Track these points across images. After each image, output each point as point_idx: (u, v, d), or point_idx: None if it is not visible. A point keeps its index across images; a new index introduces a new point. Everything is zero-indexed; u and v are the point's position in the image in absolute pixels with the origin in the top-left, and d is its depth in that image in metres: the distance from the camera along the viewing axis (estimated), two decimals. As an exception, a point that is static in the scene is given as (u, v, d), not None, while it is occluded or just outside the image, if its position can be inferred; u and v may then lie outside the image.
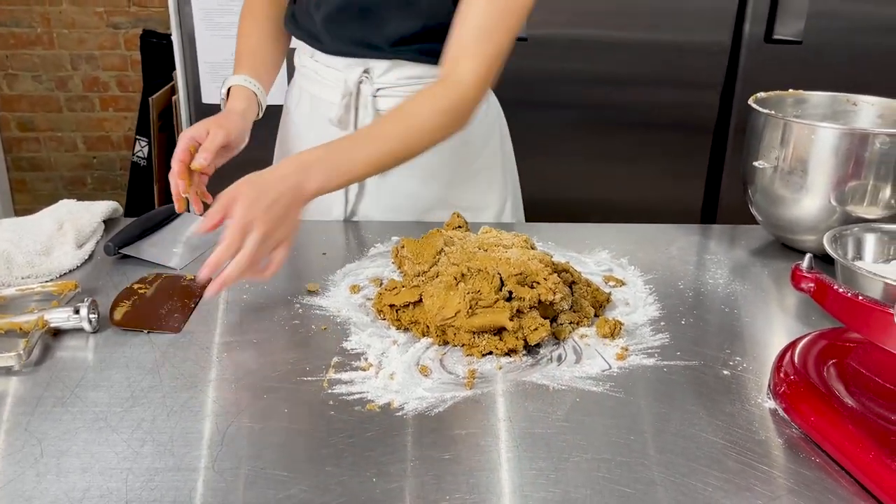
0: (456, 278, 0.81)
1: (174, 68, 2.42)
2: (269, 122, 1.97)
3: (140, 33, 2.77)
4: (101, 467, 0.62)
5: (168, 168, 0.98)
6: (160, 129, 2.10)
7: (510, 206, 1.24)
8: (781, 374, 0.73)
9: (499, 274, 0.81)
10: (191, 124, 1.99)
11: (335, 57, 1.11)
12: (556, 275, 0.83)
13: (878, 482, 0.60)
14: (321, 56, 1.13)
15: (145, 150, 2.80)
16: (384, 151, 0.93)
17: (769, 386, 0.74)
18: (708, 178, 2.11)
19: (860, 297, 0.63)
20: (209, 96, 1.97)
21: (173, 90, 2.13)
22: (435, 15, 1.03)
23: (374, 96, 1.10)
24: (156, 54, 2.73)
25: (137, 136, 2.81)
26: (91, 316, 0.81)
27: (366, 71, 1.09)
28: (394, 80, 1.09)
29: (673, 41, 1.97)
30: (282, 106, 1.94)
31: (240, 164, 2.05)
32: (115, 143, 3.09)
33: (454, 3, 1.00)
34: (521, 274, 0.80)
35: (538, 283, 0.80)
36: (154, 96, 2.08)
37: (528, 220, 1.28)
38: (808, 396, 0.69)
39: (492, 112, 1.21)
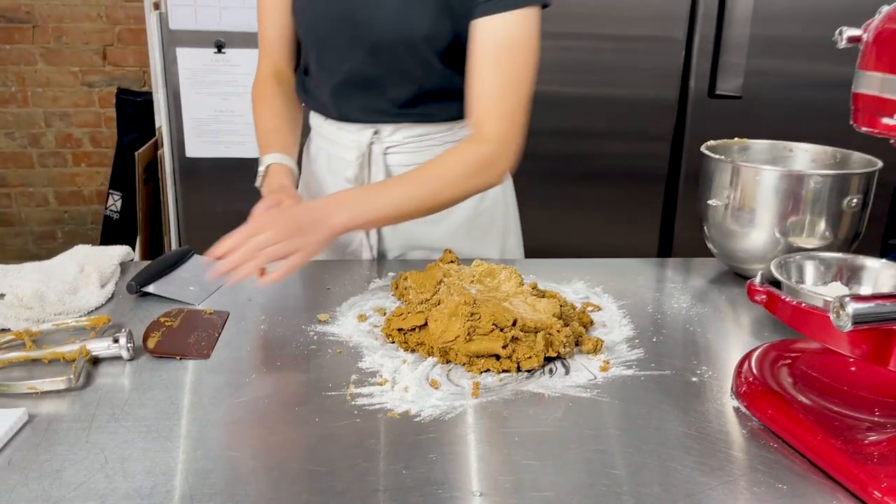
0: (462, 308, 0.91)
1: (150, 124, 2.52)
2: (248, 175, 2.07)
3: (115, 91, 2.87)
4: (162, 469, 0.70)
5: (152, 218, 1.09)
6: (144, 181, 2.19)
7: (512, 245, 1.37)
8: (742, 378, 0.85)
9: (514, 322, 0.91)
10: (175, 178, 2.09)
11: (347, 122, 1.23)
12: (567, 328, 0.93)
13: (826, 458, 0.72)
14: (328, 125, 1.25)
15: (118, 203, 2.87)
16: (411, 196, 1.06)
17: (732, 388, 0.86)
18: (662, 222, 2.27)
19: (803, 304, 0.76)
20: (193, 150, 2.06)
21: (156, 144, 2.23)
22: (429, 80, 1.16)
23: (385, 154, 1.22)
24: (130, 111, 2.83)
25: (111, 191, 2.88)
26: (128, 345, 0.89)
27: (375, 132, 1.21)
28: (401, 139, 1.21)
29: (626, 97, 2.14)
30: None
31: (221, 214, 2.14)
32: (86, 198, 3.14)
33: (446, 66, 1.14)
34: (535, 328, 0.91)
35: (551, 334, 0.91)
36: (140, 151, 2.17)
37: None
38: (765, 395, 0.81)
39: None
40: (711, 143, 1.25)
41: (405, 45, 1.12)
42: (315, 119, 1.30)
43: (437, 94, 1.17)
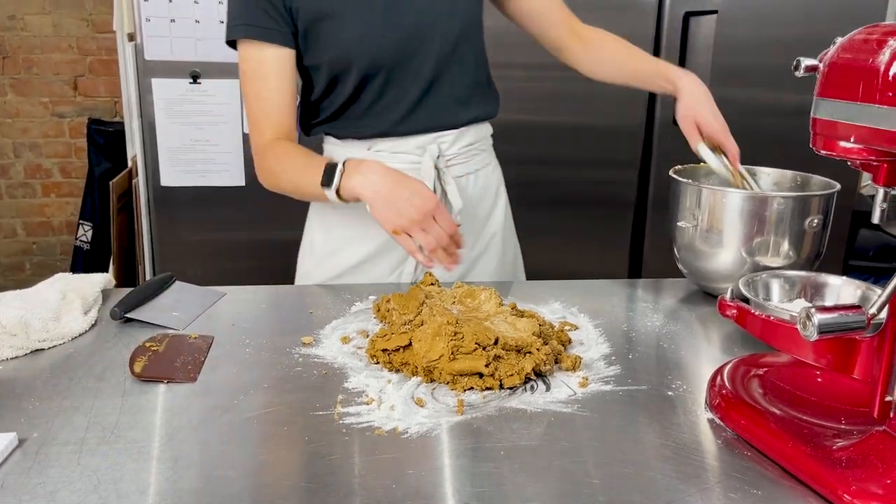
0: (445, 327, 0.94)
1: (122, 154, 2.52)
2: (223, 203, 2.09)
3: (86, 122, 2.86)
4: (155, 489, 0.71)
5: (127, 248, 1.10)
6: (118, 210, 2.19)
7: (511, 262, 1.43)
8: (715, 391, 0.89)
9: (496, 340, 0.94)
10: (149, 207, 2.09)
11: (407, 139, 1.25)
12: (547, 346, 0.97)
13: (797, 465, 0.75)
14: (384, 145, 1.26)
15: (89, 234, 2.85)
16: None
17: (706, 401, 0.90)
18: (631, 246, 2.33)
19: (771, 317, 0.80)
20: (167, 179, 2.07)
21: (131, 174, 2.23)
22: (477, 70, 1.28)
23: (447, 167, 1.27)
24: (101, 141, 2.83)
25: (81, 221, 2.86)
26: None
27: (438, 147, 1.26)
28: (457, 150, 1.28)
29: (594, 125, 2.21)
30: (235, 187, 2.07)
31: (196, 243, 2.14)
32: (55, 229, 3.12)
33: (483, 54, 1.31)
34: (516, 346, 0.94)
35: (531, 352, 0.94)
36: (114, 180, 2.17)
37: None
38: (738, 406, 0.85)
39: (496, 174, 1.41)
40: (679, 167, 1.30)
41: (466, 29, 1.25)
42: (358, 152, 1.27)
43: (480, 84, 1.29)
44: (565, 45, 1.40)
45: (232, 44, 1.23)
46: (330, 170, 1.12)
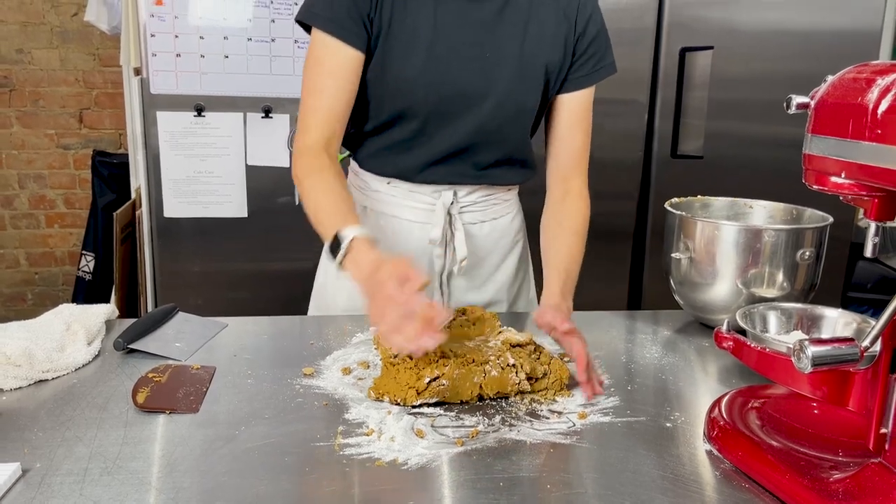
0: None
1: (126, 185, 2.54)
2: (225, 234, 2.11)
3: (91, 154, 2.89)
4: (157, 519, 0.72)
5: (129, 277, 1.08)
6: (122, 241, 2.21)
7: (524, 299, 1.44)
8: (713, 422, 0.89)
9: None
10: (153, 237, 2.11)
11: (423, 185, 1.27)
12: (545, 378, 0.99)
13: (795, 497, 0.76)
14: (402, 184, 1.28)
15: (91, 264, 2.87)
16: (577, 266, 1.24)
17: (704, 432, 0.90)
18: (631, 277, 2.34)
19: (767, 350, 0.81)
20: (171, 211, 2.09)
21: (134, 205, 2.25)
22: (514, 146, 1.27)
23: (460, 213, 1.29)
24: (106, 173, 2.86)
25: (83, 252, 2.88)
26: None
27: (454, 193, 1.27)
28: (474, 199, 1.30)
29: (593, 158, 2.21)
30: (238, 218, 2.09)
31: (198, 274, 2.15)
32: (58, 259, 3.13)
33: (528, 134, 1.29)
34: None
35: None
36: (118, 211, 2.20)
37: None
38: (735, 438, 0.85)
39: (514, 225, 1.40)
40: (675, 200, 1.32)
41: (514, 115, 1.24)
42: (377, 184, 1.30)
43: (512, 160, 1.29)
44: (551, 179, 1.33)
45: (302, 24, 1.19)
46: (336, 243, 1.04)
